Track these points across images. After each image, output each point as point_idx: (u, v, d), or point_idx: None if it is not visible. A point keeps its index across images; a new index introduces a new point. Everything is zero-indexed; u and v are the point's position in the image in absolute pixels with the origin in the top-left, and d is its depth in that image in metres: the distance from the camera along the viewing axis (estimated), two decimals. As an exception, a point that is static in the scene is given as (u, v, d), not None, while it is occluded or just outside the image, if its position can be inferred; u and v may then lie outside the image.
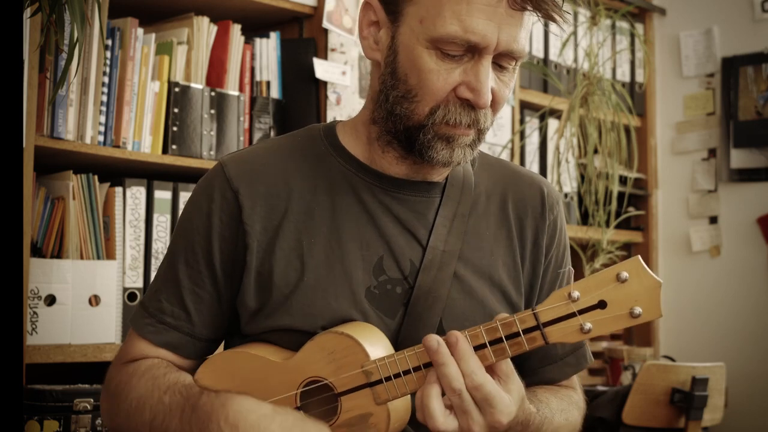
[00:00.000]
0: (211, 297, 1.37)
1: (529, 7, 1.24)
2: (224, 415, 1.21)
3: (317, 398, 1.27)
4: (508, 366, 1.21)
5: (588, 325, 1.17)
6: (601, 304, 1.17)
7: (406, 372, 1.22)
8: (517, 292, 1.40)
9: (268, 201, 1.35)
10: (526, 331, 1.19)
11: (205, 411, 1.23)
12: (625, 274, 1.16)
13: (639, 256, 1.18)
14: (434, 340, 1.19)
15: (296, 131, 1.45)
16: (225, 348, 1.45)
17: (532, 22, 1.28)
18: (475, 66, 1.26)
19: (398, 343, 1.30)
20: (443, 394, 1.19)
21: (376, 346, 1.26)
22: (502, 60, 1.28)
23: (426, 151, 1.30)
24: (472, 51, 1.25)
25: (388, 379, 1.23)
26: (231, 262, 1.35)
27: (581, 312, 1.17)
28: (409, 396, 1.26)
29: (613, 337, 3.70)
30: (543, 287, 1.43)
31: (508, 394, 1.20)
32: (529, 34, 1.29)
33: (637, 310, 1.16)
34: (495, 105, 1.30)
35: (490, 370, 1.20)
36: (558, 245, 1.45)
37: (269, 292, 1.33)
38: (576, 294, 1.17)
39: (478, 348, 1.20)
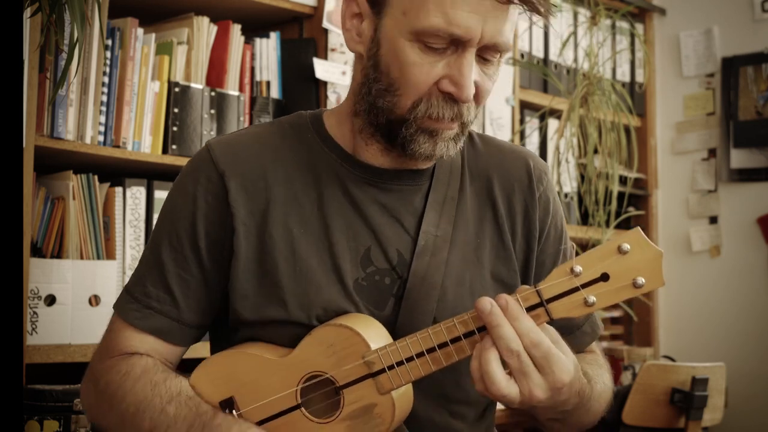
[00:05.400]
0: (197, 281, 1.34)
1: (515, 0, 1.22)
2: None
3: (319, 393, 1.26)
4: (555, 332, 1.20)
5: (592, 298, 1.17)
6: (604, 277, 1.17)
7: (409, 359, 1.22)
8: (509, 271, 1.38)
9: (253, 185, 1.33)
10: (530, 308, 1.18)
11: None
12: (626, 246, 1.16)
13: (639, 228, 1.18)
14: (486, 301, 1.17)
15: (283, 117, 1.43)
16: (211, 342, 1.44)
17: (517, 14, 1.26)
18: (458, 59, 1.24)
19: (395, 333, 1.28)
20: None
21: (375, 336, 1.26)
22: (486, 53, 1.26)
23: (408, 144, 1.29)
24: (456, 44, 1.24)
25: (390, 368, 1.22)
26: (218, 246, 1.33)
27: (584, 286, 1.17)
28: (411, 384, 1.25)
29: (613, 337, 3.70)
30: (545, 261, 1.41)
31: (564, 354, 1.18)
32: (514, 26, 1.27)
33: (640, 280, 1.16)
34: (478, 98, 1.29)
35: None
36: (554, 216, 1.43)
37: (261, 279, 1.30)
38: (578, 268, 1.17)
39: (480, 329, 1.19)
